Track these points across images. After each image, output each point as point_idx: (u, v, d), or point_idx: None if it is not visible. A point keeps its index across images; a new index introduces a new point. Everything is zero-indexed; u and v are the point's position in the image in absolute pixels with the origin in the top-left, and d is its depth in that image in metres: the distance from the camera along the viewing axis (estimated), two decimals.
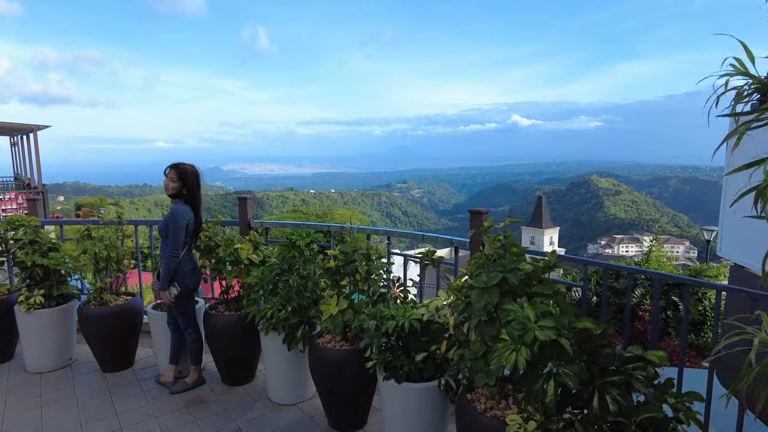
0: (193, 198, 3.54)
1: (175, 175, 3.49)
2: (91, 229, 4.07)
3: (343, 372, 2.99)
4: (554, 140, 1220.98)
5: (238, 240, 3.63)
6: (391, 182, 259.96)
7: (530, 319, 1.81)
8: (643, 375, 1.81)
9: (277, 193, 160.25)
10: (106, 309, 3.95)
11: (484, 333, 2.16)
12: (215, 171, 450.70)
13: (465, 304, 2.27)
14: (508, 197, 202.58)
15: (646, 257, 19.68)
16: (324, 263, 3.12)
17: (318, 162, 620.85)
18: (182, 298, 3.59)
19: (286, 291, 3.18)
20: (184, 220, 3.46)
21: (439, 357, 2.71)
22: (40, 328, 3.97)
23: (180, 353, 3.84)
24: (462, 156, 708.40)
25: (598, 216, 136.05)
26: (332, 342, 3.13)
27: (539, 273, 2.18)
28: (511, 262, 2.12)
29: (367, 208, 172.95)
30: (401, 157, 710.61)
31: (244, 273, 3.62)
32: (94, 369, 4.13)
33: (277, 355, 3.43)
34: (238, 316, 3.66)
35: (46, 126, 16.43)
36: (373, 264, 2.94)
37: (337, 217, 20.39)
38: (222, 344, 3.76)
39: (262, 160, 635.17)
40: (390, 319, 2.66)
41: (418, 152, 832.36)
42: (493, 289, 2.04)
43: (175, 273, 3.52)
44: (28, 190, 17.83)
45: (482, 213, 3.28)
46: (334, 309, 2.92)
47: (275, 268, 3.30)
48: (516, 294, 2.19)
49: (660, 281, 2.75)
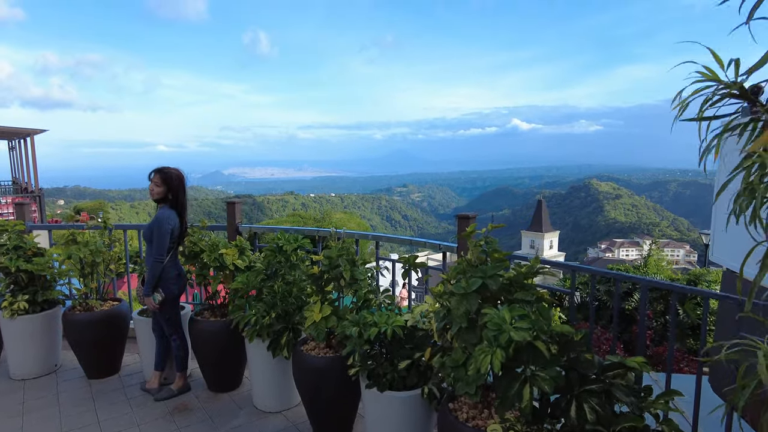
0: (179, 202, 3.50)
1: (159, 179, 3.45)
2: (77, 234, 4.02)
3: (326, 380, 2.94)
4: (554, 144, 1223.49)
5: (223, 245, 3.58)
6: (391, 186, 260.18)
7: (506, 321, 1.76)
8: (624, 383, 1.76)
9: (277, 197, 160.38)
10: (91, 315, 3.90)
11: (465, 340, 2.11)
12: (216, 175, 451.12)
13: (446, 310, 2.23)
14: (509, 201, 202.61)
15: (644, 261, 19.65)
16: (308, 269, 3.07)
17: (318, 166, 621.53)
18: (167, 305, 3.54)
19: (270, 297, 3.13)
20: (169, 225, 3.42)
21: (423, 364, 2.66)
22: (24, 334, 3.92)
23: (165, 360, 3.79)
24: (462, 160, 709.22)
25: (599, 220, 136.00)
26: (316, 349, 3.08)
27: (521, 279, 2.13)
28: (492, 268, 2.07)
29: (367, 212, 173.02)
30: (401, 161, 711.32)
31: (229, 279, 3.58)
32: (80, 376, 4.08)
33: (262, 362, 3.38)
34: (223, 323, 3.61)
35: (44, 130, 16.42)
36: (357, 269, 2.89)
37: (335, 221, 20.33)
38: (207, 351, 3.71)
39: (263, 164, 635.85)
40: (373, 326, 2.61)
41: (419, 156, 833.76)
42: (473, 296, 1.99)
43: (159, 279, 3.47)
44: (25, 194, 17.80)
45: (469, 217, 3.24)
46: (317, 316, 2.87)
47: (260, 273, 3.26)
48: (497, 301, 2.15)
49: (647, 287, 2.70)
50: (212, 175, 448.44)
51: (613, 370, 1.82)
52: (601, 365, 1.81)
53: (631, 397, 1.75)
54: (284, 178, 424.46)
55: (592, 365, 1.75)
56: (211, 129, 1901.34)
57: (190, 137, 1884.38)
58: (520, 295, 2.04)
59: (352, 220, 21.85)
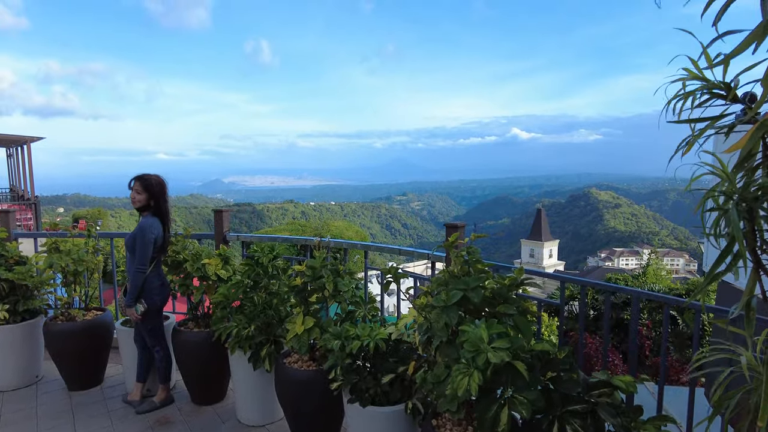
0: (161, 210, 3.43)
1: (140, 187, 3.38)
2: (59, 242, 3.95)
3: (309, 394, 2.85)
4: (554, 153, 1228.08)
5: (207, 254, 3.51)
6: (391, 195, 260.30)
7: (483, 341, 1.68)
8: (610, 402, 1.68)
9: (277, 205, 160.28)
10: (73, 325, 3.81)
11: (447, 354, 2.03)
12: (216, 183, 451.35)
13: (429, 323, 2.15)
14: (508, 210, 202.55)
15: (643, 270, 19.54)
16: (291, 280, 2.99)
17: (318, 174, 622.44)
18: (149, 315, 3.46)
19: (250, 309, 3.05)
20: (152, 234, 3.35)
21: (407, 378, 2.58)
22: (4, 344, 3.83)
23: (147, 371, 3.70)
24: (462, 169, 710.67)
25: (598, 229, 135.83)
26: (299, 362, 2.99)
27: (504, 291, 2.06)
28: (473, 280, 2.00)
29: (366, 221, 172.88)
30: (401, 169, 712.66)
31: (212, 289, 3.50)
32: (61, 387, 3.98)
33: (244, 375, 3.29)
34: (207, 334, 3.53)
35: (40, 138, 16.40)
36: (341, 280, 2.81)
37: (333, 229, 20.27)
38: (190, 362, 3.62)
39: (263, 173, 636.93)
40: (355, 339, 2.53)
41: (418, 165, 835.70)
42: (453, 309, 1.91)
43: (142, 289, 3.39)
44: (21, 201, 17.74)
45: (457, 227, 3.17)
46: (299, 328, 2.79)
47: (241, 285, 3.18)
48: (480, 313, 2.07)
49: (638, 299, 2.63)
50: (212, 184, 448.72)
51: (599, 388, 1.73)
52: (586, 383, 1.72)
53: (618, 417, 1.67)
54: (284, 187, 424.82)
55: (575, 385, 1.67)
56: (211, 137, 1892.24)
57: (190, 146, 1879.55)
58: (502, 309, 1.97)
59: (350, 228, 21.74)
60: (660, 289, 17.72)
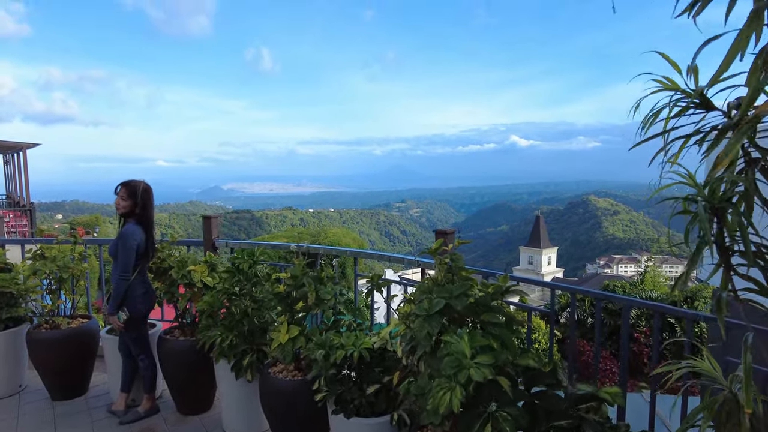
0: (146, 217, 3.37)
1: (125, 193, 3.33)
2: (45, 248, 3.89)
3: (294, 404, 2.78)
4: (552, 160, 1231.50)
5: (192, 261, 3.45)
6: (389, 201, 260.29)
7: (465, 355, 1.62)
8: (597, 418, 1.62)
9: (276, 212, 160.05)
10: (56, 333, 3.74)
11: (430, 365, 1.97)
12: (215, 190, 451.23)
13: (411, 332, 2.09)
14: (507, 217, 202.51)
15: (641, 278, 19.48)
16: (275, 287, 2.93)
17: (317, 181, 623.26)
18: (133, 323, 3.39)
19: (230, 318, 2.99)
20: (135, 241, 3.29)
21: (393, 389, 2.51)
22: None
23: (132, 381, 3.62)
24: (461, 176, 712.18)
25: (597, 236, 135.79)
26: (284, 371, 2.93)
27: (488, 300, 2.00)
28: (457, 288, 1.94)
29: (365, 228, 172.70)
30: (400, 176, 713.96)
31: (198, 297, 3.44)
32: (44, 397, 3.90)
33: (229, 384, 3.22)
34: (193, 342, 3.45)
35: (36, 144, 16.37)
36: (324, 288, 2.75)
37: (331, 236, 20.22)
38: (176, 371, 3.55)
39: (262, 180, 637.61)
40: (339, 349, 2.47)
41: (417, 172, 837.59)
42: (435, 318, 1.86)
43: (125, 297, 3.33)
44: (17, 208, 17.67)
45: (447, 233, 3.12)
46: (283, 337, 2.73)
47: (224, 293, 3.11)
48: (464, 321, 2.01)
49: (629, 307, 2.57)
50: (211, 190, 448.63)
51: (587, 401, 1.67)
52: (573, 397, 1.66)
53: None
54: (283, 194, 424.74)
55: (560, 401, 1.61)
56: (210, 144, 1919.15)
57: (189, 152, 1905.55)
58: (487, 317, 1.91)
59: (347, 235, 21.66)
60: (658, 296, 17.65)
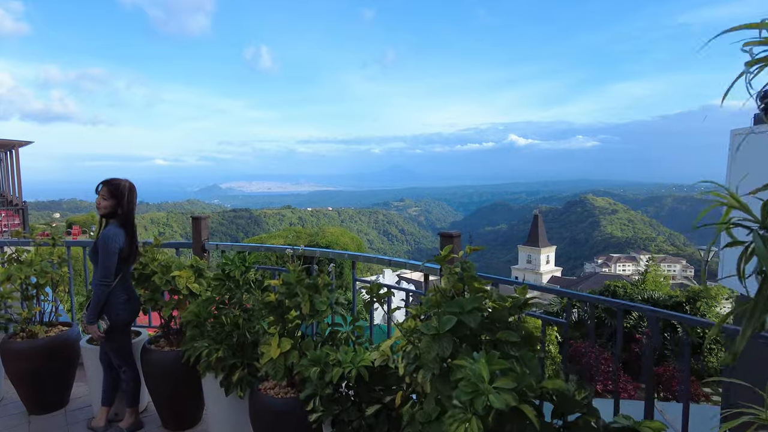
0: (128, 219, 3.12)
1: (107, 192, 3.08)
2: (20, 252, 3.63)
3: (285, 425, 2.53)
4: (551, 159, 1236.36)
5: (177, 266, 3.20)
6: (388, 200, 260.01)
7: (483, 379, 1.38)
8: None
9: (274, 210, 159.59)
10: (32, 343, 3.49)
11: (439, 390, 1.73)
12: (213, 189, 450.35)
13: (416, 351, 1.85)
14: (505, 216, 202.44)
15: (642, 278, 19.28)
16: (263, 295, 2.68)
17: (316, 180, 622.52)
18: (114, 333, 3.14)
19: (217, 330, 2.74)
20: (116, 244, 3.04)
21: (395, 410, 2.27)
22: None
23: (113, 394, 3.37)
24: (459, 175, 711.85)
25: (595, 235, 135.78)
26: (276, 388, 2.68)
27: (505, 315, 1.76)
28: (470, 301, 1.70)
29: (364, 227, 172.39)
30: (399, 175, 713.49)
31: (183, 305, 3.19)
32: (20, 411, 3.65)
33: (217, 400, 2.97)
34: (178, 353, 3.21)
35: (29, 142, 16.09)
36: (319, 298, 2.51)
37: (329, 236, 19.97)
38: (161, 384, 3.29)
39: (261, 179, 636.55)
40: (336, 366, 2.23)
41: (416, 171, 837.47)
42: (446, 338, 1.62)
43: (105, 304, 3.08)
44: (9, 207, 17.37)
45: (452, 236, 2.87)
46: (274, 351, 2.48)
47: (211, 302, 2.87)
48: (477, 340, 1.77)
49: (622, 311, 2.36)
50: (210, 189, 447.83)
51: None
52: (606, 429, 1.43)
53: None
54: (282, 192, 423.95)
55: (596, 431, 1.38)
56: (209, 143, 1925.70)
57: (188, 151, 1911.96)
58: (504, 336, 1.67)
59: (345, 235, 21.39)
60: (659, 296, 17.44)
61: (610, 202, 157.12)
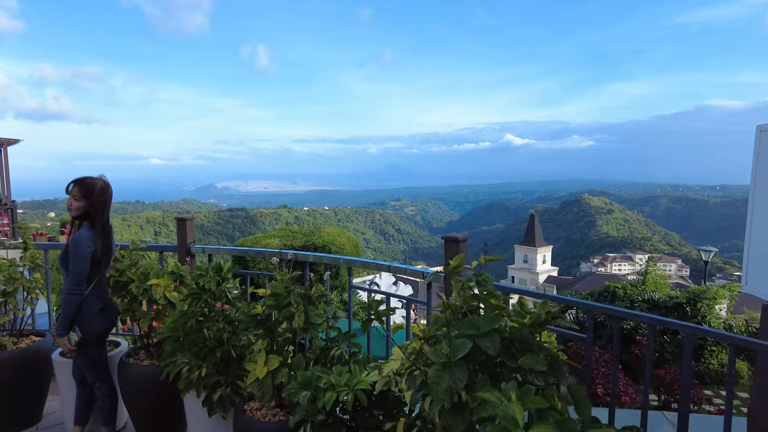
0: (101, 220, 2.84)
1: (79, 192, 2.79)
2: None
3: None
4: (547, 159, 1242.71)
5: (156, 273, 2.92)
6: (385, 200, 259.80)
7: (518, 424, 1.12)
8: None
9: (270, 210, 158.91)
10: (1, 355, 3.21)
11: (449, 423, 1.47)
12: (209, 188, 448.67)
13: (423, 377, 1.59)
14: (502, 215, 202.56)
15: (643, 278, 19.08)
16: (249, 307, 2.41)
17: (312, 179, 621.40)
18: (87, 346, 2.86)
19: (198, 345, 2.47)
20: (89, 248, 2.76)
21: None
22: None
23: (86, 412, 3.09)
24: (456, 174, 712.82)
25: (591, 234, 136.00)
26: (264, 409, 2.41)
27: (526, 334, 1.50)
28: (487, 321, 1.44)
29: (360, 226, 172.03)
30: (395, 175, 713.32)
31: (162, 315, 2.91)
32: None
33: (200, 420, 2.70)
34: (158, 368, 2.93)
35: (17, 140, 15.70)
36: (314, 310, 2.24)
37: (325, 236, 19.65)
38: (139, 402, 3.02)
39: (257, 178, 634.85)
40: (329, 390, 1.96)
41: (412, 170, 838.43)
42: (459, 367, 1.36)
43: (77, 314, 2.80)
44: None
45: (459, 241, 2.61)
46: (260, 371, 2.21)
47: (191, 316, 2.59)
48: (495, 367, 1.51)
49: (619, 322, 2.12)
50: (206, 188, 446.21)
51: None
52: None
53: None
54: (278, 192, 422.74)
55: None
56: (206, 142, 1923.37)
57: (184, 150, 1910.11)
58: (527, 362, 1.40)
59: (341, 234, 21.08)
60: (659, 298, 17.25)
61: (606, 202, 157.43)
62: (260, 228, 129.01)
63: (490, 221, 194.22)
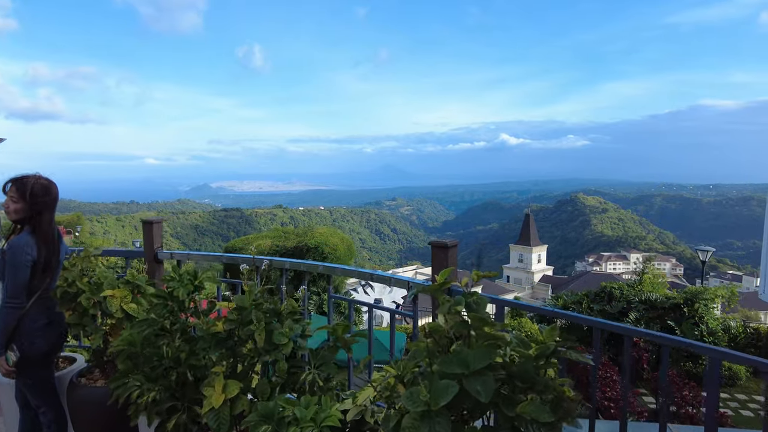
0: (44, 224, 2.51)
1: (16, 193, 2.47)
2: None
3: None
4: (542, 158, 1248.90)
5: (110, 283, 2.59)
6: (380, 200, 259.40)
7: None
8: None
9: (265, 210, 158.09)
10: None
11: None
12: (204, 188, 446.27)
13: (399, 416, 1.28)
14: (497, 215, 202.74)
15: (639, 278, 18.85)
16: (208, 325, 2.09)
17: (308, 179, 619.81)
18: (29, 366, 2.53)
19: (153, 364, 2.15)
20: (28, 255, 2.44)
21: None
22: None
23: None
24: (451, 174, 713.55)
25: (586, 233, 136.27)
26: None
27: (530, 370, 1.19)
28: (479, 356, 1.13)
29: (356, 226, 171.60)
30: (391, 174, 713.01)
31: (117, 330, 2.59)
32: None
33: None
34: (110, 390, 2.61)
35: (2, 139, 15.29)
36: (279, 328, 1.92)
37: (318, 236, 19.28)
38: (90, 428, 2.69)
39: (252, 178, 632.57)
40: (293, 425, 1.65)
41: (408, 170, 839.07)
42: (441, 418, 1.05)
43: (15, 330, 2.48)
44: None
45: (448, 247, 2.30)
46: (217, 399, 1.89)
47: (151, 323, 2.28)
48: (487, 411, 1.20)
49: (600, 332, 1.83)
50: (200, 188, 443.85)
51: None
52: None
53: None
54: (273, 192, 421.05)
55: None
56: (200, 142, 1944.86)
57: (179, 150, 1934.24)
58: (530, 412, 1.09)
59: (335, 234, 20.68)
60: (657, 298, 17.03)
61: (600, 201, 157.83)
62: (255, 228, 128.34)
63: (486, 221, 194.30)
